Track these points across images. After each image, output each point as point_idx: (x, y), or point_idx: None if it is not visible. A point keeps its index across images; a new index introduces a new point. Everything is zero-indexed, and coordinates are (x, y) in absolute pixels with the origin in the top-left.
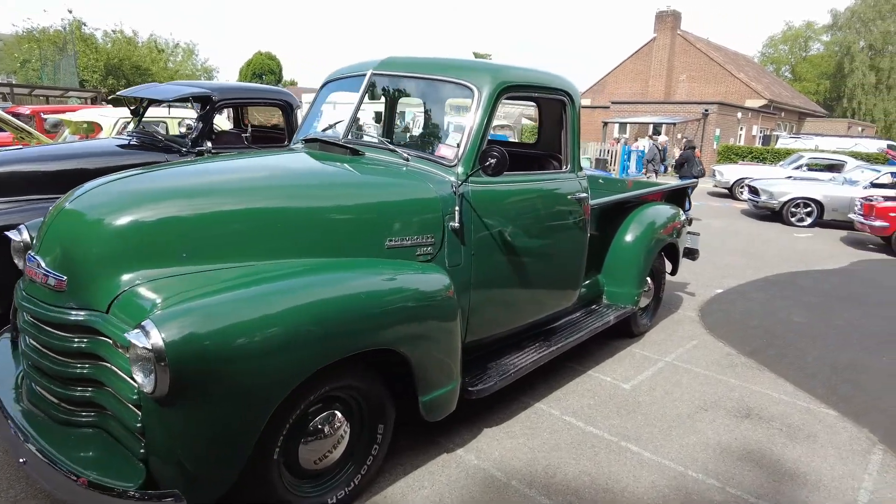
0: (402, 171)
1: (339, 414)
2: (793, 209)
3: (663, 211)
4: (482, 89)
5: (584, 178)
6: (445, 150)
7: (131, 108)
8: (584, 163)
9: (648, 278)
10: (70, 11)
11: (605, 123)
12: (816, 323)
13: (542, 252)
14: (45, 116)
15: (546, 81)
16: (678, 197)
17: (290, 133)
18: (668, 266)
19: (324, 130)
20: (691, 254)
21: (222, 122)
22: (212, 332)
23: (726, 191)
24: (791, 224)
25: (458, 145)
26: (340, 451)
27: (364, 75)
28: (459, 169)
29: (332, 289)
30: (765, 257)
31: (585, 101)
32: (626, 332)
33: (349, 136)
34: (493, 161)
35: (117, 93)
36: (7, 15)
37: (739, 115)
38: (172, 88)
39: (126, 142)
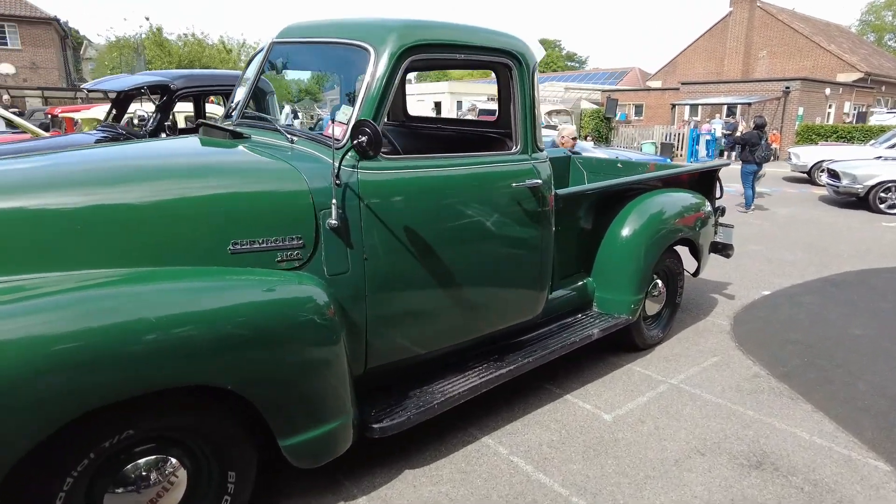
0: (274, 156)
1: (173, 459)
2: (882, 194)
3: (678, 199)
4: (379, 50)
5: (542, 161)
6: (336, 129)
7: (112, 101)
8: (649, 148)
9: (658, 281)
10: (147, 18)
11: (674, 106)
12: (881, 337)
13: (475, 254)
14: (65, 115)
15: (480, 41)
16: (705, 182)
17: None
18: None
19: (228, 110)
20: (724, 250)
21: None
22: None
23: (805, 175)
24: (880, 212)
25: (349, 122)
26: (174, 500)
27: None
28: (347, 152)
29: (106, 309)
30: (835, 252)
31: (655, 84)
32: (628, 344)
33: (243, 116)
34: (363, 139)
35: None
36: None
37: (828, 91)
38: (130, 79)
39: (98, 136)
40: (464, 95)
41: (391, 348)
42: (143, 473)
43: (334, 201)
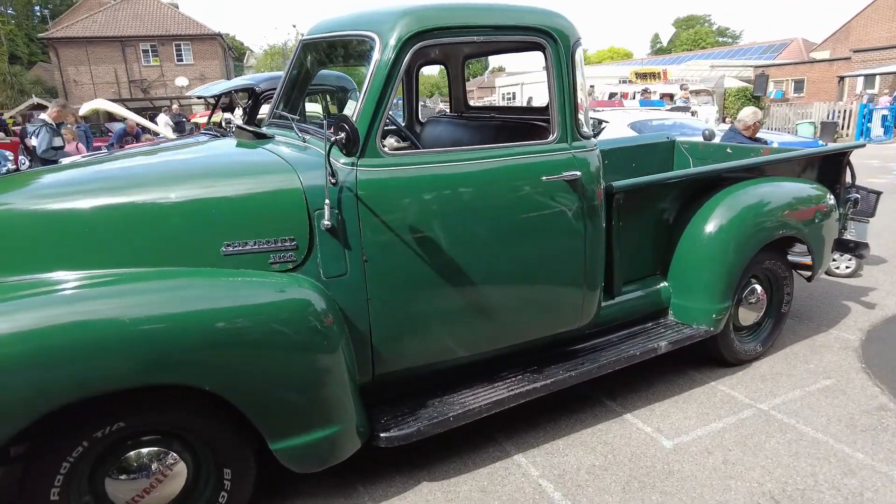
0: (281, 155)
1: (172, 452)
2: None
3: (784, 189)
4: (383, 38)
5: (586, 150)
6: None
7: (222, 106)
8: (806, 129)
9: (757, 286)
10: (294, 26)
11: (841, 78)
12: None
13: (499, 257)
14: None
15: (500, 20)
16: (829, 169)
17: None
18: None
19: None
20: (855, 249)
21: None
22: None
23: None
24: None
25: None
26: (173, 491)
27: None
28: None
29: (79, 310)
30: None
31: (821, 54)
32: (715, 359)
33: (276, 115)
34: (341, 136)
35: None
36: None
37: None
38: (221, 84)
39: (203, 138)
40: (594, 79)
41: (400, 356)
42: (142, 463)
43: (327, 201)
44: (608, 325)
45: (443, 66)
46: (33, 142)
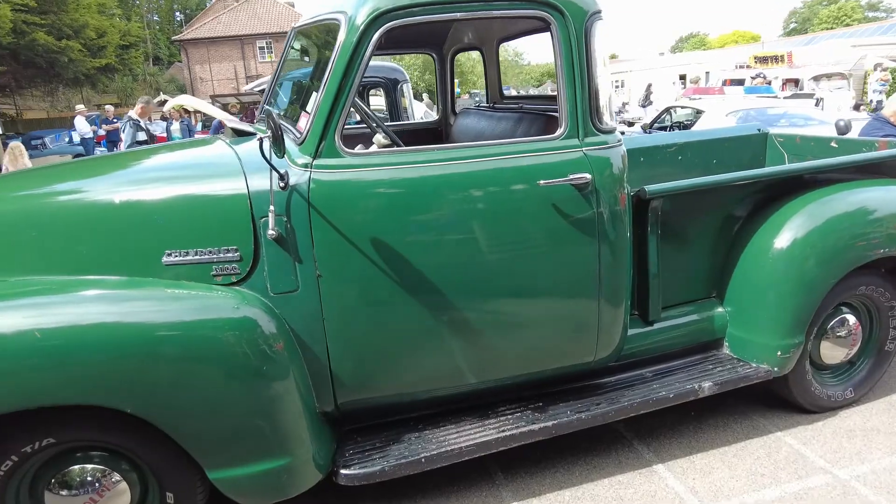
0: (237, 155)
1: (114, 470)
2: None
3: (886, 196)
4: (351, 17)
5: (603, 147)
6: (302, 120)
7: None
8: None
9: (849, 316)
10: None
11: None
12: None
13: (487, 275)
14: None
15: None
16: None
17: (393, 114)
18: None
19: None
20: None
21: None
22: None
23: None
24: None
25: (313, 111)
26: None
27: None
28: (302, 149)
29: None
30: None
31: None
32: (788, 402)
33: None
34: (269, 132)
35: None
36: None
37: None
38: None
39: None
40: (708, 65)
41: (365, 384)
42: (83, 479)
43: (272, 208)
44: (643, 358)
45: (479, 52)
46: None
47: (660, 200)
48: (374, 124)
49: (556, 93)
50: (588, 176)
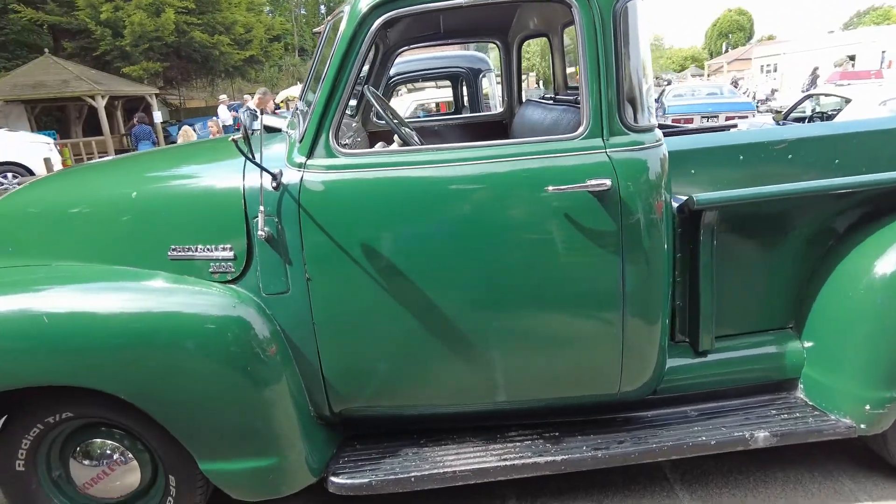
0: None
1: (126, 448)
2: None
3: None
4: (350, 9)
5: (633, 148)
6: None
7: None
8: None
9: None
10: None
11: None
12: None
13: (489, 289)
14: None
15: None
16: None
17: (474, 105)
18: None
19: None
20: None
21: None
22: None
23: None
24: None
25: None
26: (126, 486)
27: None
28: (300, 148)
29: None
30: None
31: None
32: (887, 462)
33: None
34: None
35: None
36: None
37: None
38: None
39: None
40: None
41: (358, 394)
42: (101, 452)
43: (262, 207)
44: (690, 393)
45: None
46: None
47: (714, 212)
48: (394, 121)
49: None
50: (608, 182)
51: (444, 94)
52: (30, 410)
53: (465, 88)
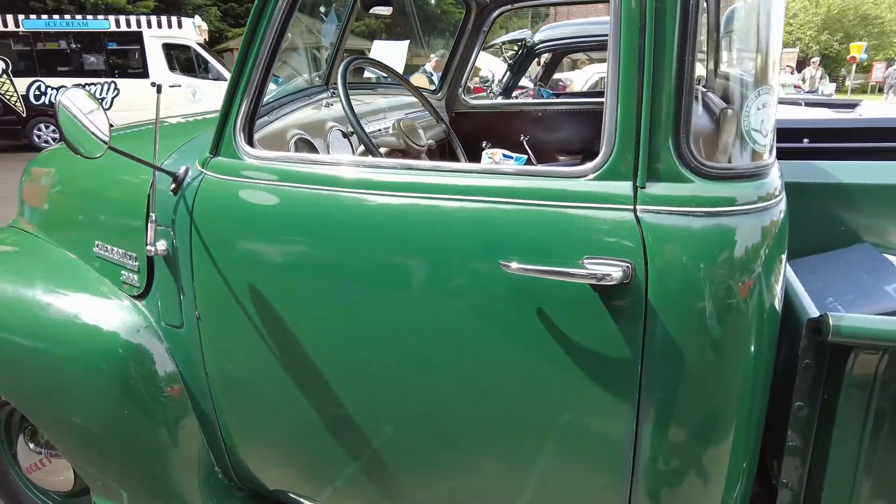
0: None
1: None
2: None
3: None
4: None
5: (699, 210)
6: None
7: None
8: None
9: None
10: None
11: None
12: None
13: (421, 367)
14: None
15: None
16: None
17: None
18: None
19: None
20: None
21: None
22: None
23: None
24: None
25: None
26: (59, 482)
27: None
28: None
29: None
30: None
31: None
32: None
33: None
34: None
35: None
36: None
37: None
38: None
39: None
40: None
41: (262, 475)
42: (42, 439)
43: (152, 215)
44: None
45: None
46: None
47: (877, 355)
48: (355, 123)
49: None
50: (627, 266)
51: None
52: None
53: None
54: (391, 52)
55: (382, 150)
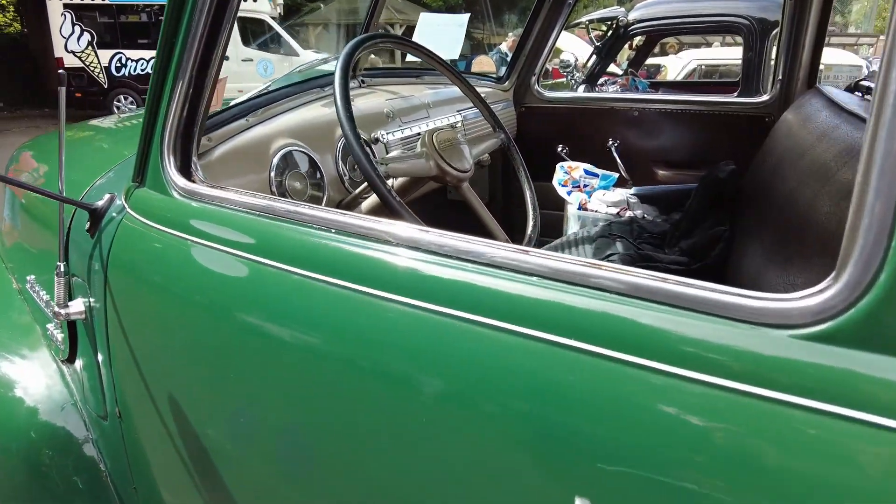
0: None
1: None
2: None
3: None
4: None
5: None
6: None
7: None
8: None
9: None
10: None
11: None
12: None
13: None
14: None
15: None
16: None
17: (751, 75)
18: None
19: None
20: None
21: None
22: None
23: None
24: None
25: None
26: None
27: None
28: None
29: None
30: None
31: None
32: None
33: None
34: None
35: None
36: None
37: None
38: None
39: None
40: None
41: None
42: None
43: (60, 265)
44: None
45: None
46: None
47: None
48: (351, 135)
49: None
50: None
51: (735, 54)
52: None
53: (743, 52)
54: (443, 28)
55: (398, 180)
